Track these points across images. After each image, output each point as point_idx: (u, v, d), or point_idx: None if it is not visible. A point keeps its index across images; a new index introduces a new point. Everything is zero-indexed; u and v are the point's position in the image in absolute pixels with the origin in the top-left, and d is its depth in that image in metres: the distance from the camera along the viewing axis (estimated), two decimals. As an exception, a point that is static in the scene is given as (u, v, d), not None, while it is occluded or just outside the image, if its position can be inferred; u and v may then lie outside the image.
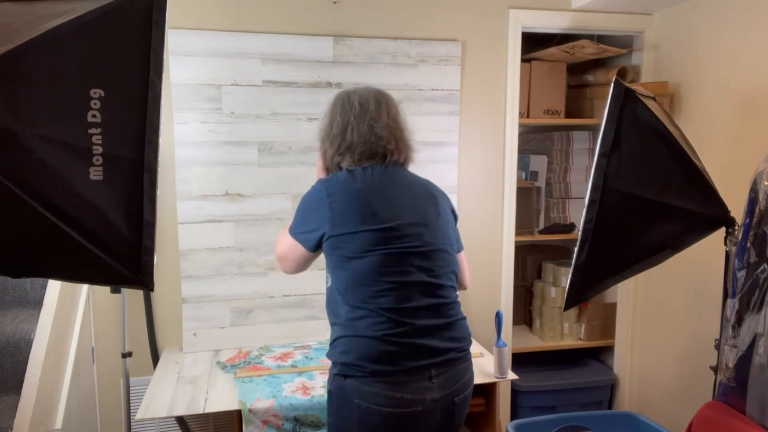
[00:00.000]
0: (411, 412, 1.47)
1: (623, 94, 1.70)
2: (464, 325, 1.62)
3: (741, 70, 2.30)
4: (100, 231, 1.27)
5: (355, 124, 1.57)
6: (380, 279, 1.49)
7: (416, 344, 1.48)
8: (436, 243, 1.57)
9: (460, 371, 1.56)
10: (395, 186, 1.57)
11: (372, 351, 1.47)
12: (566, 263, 3.04)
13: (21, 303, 2.20)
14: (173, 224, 2.41)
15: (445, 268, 1.59)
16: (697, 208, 1.79)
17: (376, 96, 1.62)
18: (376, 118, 1.57)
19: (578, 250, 1.74)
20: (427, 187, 1.65)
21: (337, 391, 1.52)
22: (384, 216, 1.51)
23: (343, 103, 1.61)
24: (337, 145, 1.59)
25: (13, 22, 1.22)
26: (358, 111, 1.58)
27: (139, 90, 1.28)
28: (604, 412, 2.87)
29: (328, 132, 1.61)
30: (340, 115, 1.59)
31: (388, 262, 1.49)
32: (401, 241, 1.50)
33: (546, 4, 2.69)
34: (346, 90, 1.66)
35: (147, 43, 1.28)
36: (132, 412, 2.18)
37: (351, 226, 1.50)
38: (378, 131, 1.57)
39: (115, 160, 1.26)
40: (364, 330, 1.48)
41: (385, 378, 1.46)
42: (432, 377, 1.49)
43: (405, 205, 1.56)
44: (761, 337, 1.62)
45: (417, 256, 1.52)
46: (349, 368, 1.49)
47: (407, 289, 1.50)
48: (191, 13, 2.36)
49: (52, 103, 1.21)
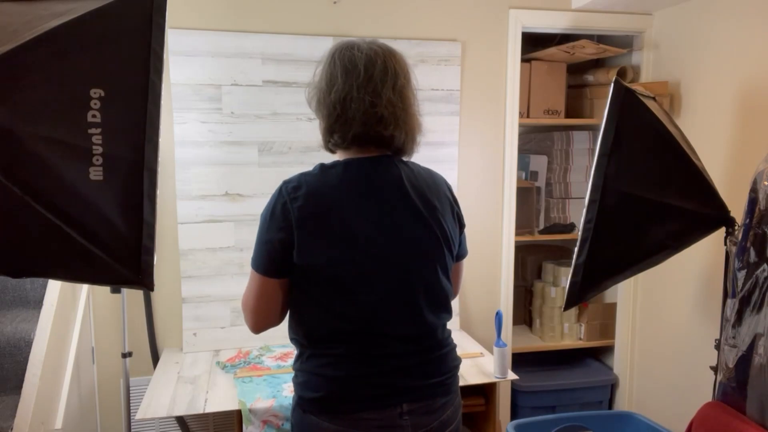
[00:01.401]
0: None
1: (623, 94, 1.70)
2: (449, 358, 1.37)
3: (741, 69, 2.30)
4: (100, 231, 1.27)
5: (356, 96, 1.23)
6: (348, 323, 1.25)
7: (384, 385, 1.27)
8: (426, 278, 1.30)
9: (440, 407, 1.32)
10: (382, 193, 1.27)
11: (333, 390, 1.26)
12: (566, 263, 3.04)
13: (21, 303, 2.20)
14: (173, 224, 2.41)
15: (435, 305, 1.33)
16: (697, 208, 1.79)
17: (385, 59, 1.27)
18: (379, 91, 1.24)
19: (578, 250, 1.74)
20: (430, 190, 1.34)
21: (297, 426, 1.33)
22: (364, 248, 1.23)
23: (345, 62, 1.26)
24: (335, 118, 1.26)
25: (13, 22, 1.22)
26: (363, 78, 1.24)
27: (139, 90, 1.28)
28: (604, 412, 2.87)
29: (324, 97, 1.28)
30: (341, 78, 1.25)
31: (362, 306, 1.25)
32: (383, 284, 1.25)
33: (546, 4, 2.69)
34: (350, 43, 1.29)
35: (147, 43, 1.28)
36: (132, 412, 2.18)
37: (321, 258, 1.22)
38: (379, 110, 1.24)
39: (115, 160, 1.26)
40: (325, 369, 1.27)
41: (345, 416, 1.25)
42: (403, 414, 1.27)
43: (393, 233, 1.26)
44: (761, 337, 1.62)
45: (403, 293, 1.28)
46: (307, 403, 1.29)
47: (382, 337, 1.27)
48: (191, 13, 2.36)
49: (52, 103, 1.21)
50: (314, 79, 1.33)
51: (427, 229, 1.30)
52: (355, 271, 1.24)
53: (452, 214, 1.40)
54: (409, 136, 1.33)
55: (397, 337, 1.29)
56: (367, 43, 1.29)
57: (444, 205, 1.37)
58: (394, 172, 1.30)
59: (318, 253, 1.22)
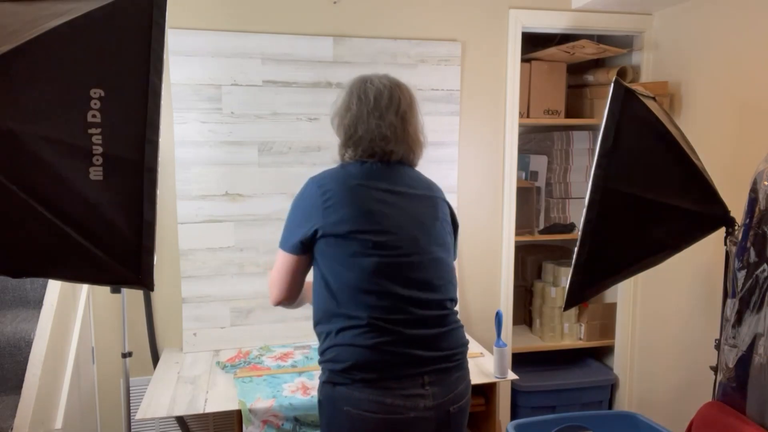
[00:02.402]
0: (402, 419, 1.44)
1: (623, 94, 1.70)
2: (459, 335, 1.57)
3: (741, 69, 2.30)
4: (100, 231, 1.27)
5: (366, 120, 1.54)
6: (372, 289, 1.45)
7: (407, 354, 1.45)
8: (433, 252, 1.53)
9: (455, 380, 1.52)
10: (394, 187, 1.54)
11: (361, 360, 1.44)
12: (566, 263, 3.04)
13: (21, 303, 2.20)
14: (173, 224, 2.41)
15: (442, 279, 1.55)
16: (697, 208, 1.79)
17: (391, 89, 1.57)
18: (384, 115, 1.54)
19: (578, 250, 1.74)
20: (429, 189, 1.61)
21: (327, 400, 1.50)
22: (380, 220, 1.48)
23: (359, 93, 1.56)
24: (349, 136, 1.56)
25: (13, 22, 1.22)
26: (372, 106, 1.54)
27: (139, 90, 1.28)
28: (604, 412, 2.87)
29: (341, 120, 1.58)
30: (356, 106, 1.55)
31: (382, 271, 1.46)
32: (396, 250, 1.48)
33: (546, 4, 2.69)
34: (365, 77, 1.60)
35: (147, 43, 1.28)
36: (132, 412, 2.18)
37: (345, 227, 1.46)
38: (383, 130, 1.53)
39: (115, 160, 1.26)
40: (354, 339, 1.45)
41: (375, 384, 1.43)
42: (425, 384, 1.46)
43: (402, 209, 1.52)
44: (761, 337, 1.62)
45: (412, 267, 1.49)
46: (337, 376, 1.46)
47: (400, 301, 1.47)
48: (191, 13, 2.36)
49: (52, 103, 1.21)
50: (335, 107, 1.62)
51: (429, 211, 1.57)
52: (368, 237, 1.46)
53: (449, 213, 1.66)
54: (409, 150, 1.60)
55: (414, 303, 1.48)
56: (379, 78, 1.59)
57: (439, 201, 1.63)
58: (401, 170, 1.59)
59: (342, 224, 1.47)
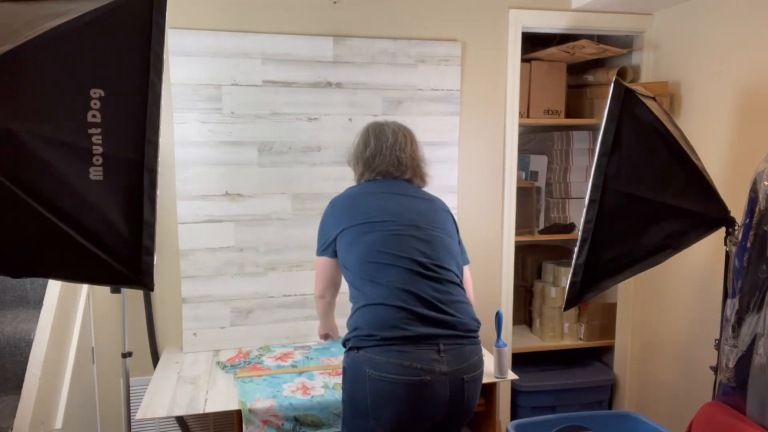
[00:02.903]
0: (420, 381, 1.54)
1: (623, 94, 1.70)
2: (468, 308, 1.71)
3: (741, 69, 2.30)
4: (100, 231, 1.27)
5: (387, 153, 1.86)
6: (381, 255, 1.66)
7: (422, 313, 1.60)
8: (436, 231, 1.75)
9: (468, 351, 1.64)
10: (398, 192, 1.82)
11: (380, 317, 1.59)
12: (566, 263, 3.04)
13: (21, 303, 2.20)
14: (173, 224, 2.41)
15: (444, 252, 1.73)
16: (697, 208, 1.79)
17: (404, 132, 1.91)
18: (403, 149, 1.87)
19: (578, 250, 1.74)
20: (431, 198, 1.87)
21: (351, 365, 1.63)
22: (379, 210, 1.75)
23: (377, 133, 1.89)
24: (366, 166, 1.89)
25: (13, 22, 1.22)
26: (391, 142, 1.87)
27: (139, 90, 1.28)
28: (604, 412, 2.87)
29: (361, 154, 1.90)
30: (374, 142, 1.88)
31: (388, 240, 1.68)
32: (397, 224, 1.72)
33: (546, 4, 2.69)
34: (380, 121, 1.95)
35: (147, 43, 1.28)
36: (132, 412, 2.18)
37: (349, 222, 1.76)
38: (403, 160, 1.87)
39: (115, 160, 1.27)
40: (373, 298, 1.63)
41: (395, 346, 1.56)
42: (440, 351, 1.58)
43: (402, 204, 1.78)
44: (761, 337, 1.61)
45: (416, 239, 1.70)
46: (360, 340, 1.61)
47: (409, 265, 1.65)
48: (191, 13, 2.36)
49: (52, 103, 1.21)
50: (352, 148, 1.95)
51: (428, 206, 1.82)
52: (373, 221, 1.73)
53: (451, 221, 1.88)
54: (416, 175, 1.92)
55: (422, 266, 1.66)
56: (392, 122, 1.94)
57: (438, 208, 1.87)
58: (404, 183, 1.88)
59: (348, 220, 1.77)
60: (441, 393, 1.58)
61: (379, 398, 1.56)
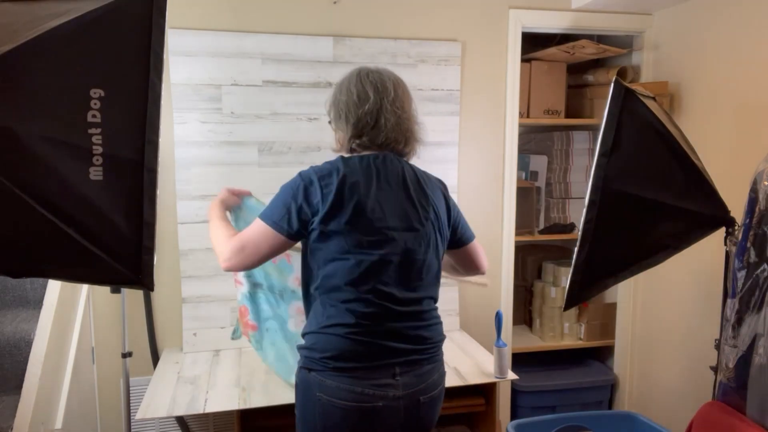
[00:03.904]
0: (372, 407, 1.47)
1: (623, 94, 1.70)
2: (436, 330, 1.58)
3: (741, 69, 2.30)
4: (100, 231, 1.27)
5: (391, 111, 1.48)
6: (356, 285, 1.46)
7: (381, 345, 1.48)
8: (418, 252, 1.52)
9: (427, 372, 1.55)
10: (388, 182, 1.50)
11: (336, 348, 1.47)
12: (566, 263, 3.04)
13: (21, 303, 2.19)
14: (173, 224, 2.41)
15: (424, 280, 1.55)
16: (697, 208, 1.79)
17: (403, 85, 1.55)
18: (403, 108, 1.51)
19: (578, 250, 1.74)
20: (421, 182, 1.57)
21: (302, 384, 1.53)
22: (372, 216, 1.46)
23: (375, 83, 1.50)
24: (365, 125, 1.49)
25: (13, 22, 1.21)
26: (392, 96, 1.49)
27: (139, 90, 1.28)
28: (604, 412, 2.87)
29: (355, 109, 1.48)
30: (374, 95, 1.48)
31: (367, 268, 1.46)
32: (383, 247, 1.47)
33: (546, 4, 2.69)
34: (370, 68, 1.54)
35: (147, 43, 1.27)
36: (132, 412, 2.18)
37: (338, 223, 1.44)
38: (403, 125, 1.52)
39: (115, 160, 1.26)
40: (331, 328, 1.48)
41: (346, 373, 1.46)
42: (396, 375, 1.49)
43: (393, 207, 1.49)
44: (761, 337, 1.62)
45: (396, 266, 1.49)
46: (313, 362, 1.50)
47: (381, 297, 1.48)
48: (191, 13, 2.36)
49: (52, 103, 1.21)
50: (338, 94, 1.54)
51: (419, 210, 1.53)
52: (361, 236, 1.46)
53: (445, 204, 1.62)
54: (413, 149, 1.61)
55: (393, 300, 1.49)
56: (382, 68, 1.56)
57: (436, 193, 1.60)
58: (397, 165, 1.54)
59: (337, 220, 1.45)
60: (395, 417, 1.50)
61: (329, 423, 1.48)
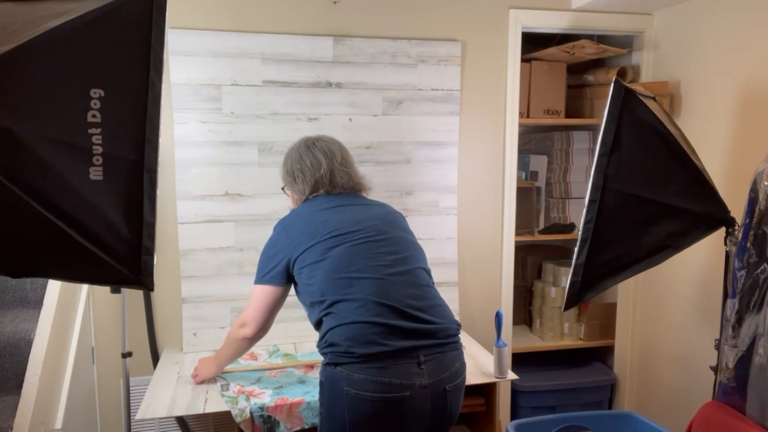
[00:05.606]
0: (399, 397, 1.51)
1: (623, 94, 1.70)
2: (446, 310, 1.68)
3: (741, 69, 2.30)
4: (100, 231, 1.27)
5: (341, 171, 1.82)
6: (351, 268, 1.60)
7: (400, 326, 1.55)
8: (400, 231, 1.74)
9: (449, 359, 1.61)
10: (353, 202, 1.79)
11: (358, 334, 1.53)
12: (566, 263, 3.04)
13: (21, 303, 2.19)
14: (173, 224, 2.41)
15: (411, 251, 1.71)
16: (697, 208, 1.79)
17: (344, 148, 1.89)
18: (348, 164, 1.86)
19: (578, 250, 1.74)
20: (383, 205, 1.85)
21: (328, 381, 1.57)
22: (343, 222, 1.68)
23: (325, 150, 1.83)
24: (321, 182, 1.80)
25: (13, 22, 1.22)
26: (340, 159, 1.83)
27: (139, 90, 1.28)
28: (604, 412, 2.87)
29: (314, 172, 1.80)
30: (325, 161, 1.81)
31: (355, 251, 1.62)
32: (362, 233, 1.66)
33: (546, 4, 2.69)
34: (314, 138, 1.88)
35: (147, 43, 1.28)
36: (132, 412, 2.17)
37: (309, 239, 1.66)
38: (353, 178, 1.85)
39: (115, 160, 1.27)
40: (347, 317, 1.55)
41: (373, 363, 1.51)
42: (420, 363, 1.54)
43: (363, 212, 1.75)
44: (761, 337, 1.62)
45: (382, 244, 1.66)
46: (338, 356, 1.54)
47: (379, 273, 1.60)
48: (191, 13, 2.36)
49: (52, 103, 1.21)
50: (292, 163, 1.85)
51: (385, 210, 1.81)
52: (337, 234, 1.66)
53: (406, 222, 1.86)
54: (363, 187, 1.89)
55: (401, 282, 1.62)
56: (326, 138, 1.89)
57: (395, 213, 1.85)
58: (356, 196, 1.84)
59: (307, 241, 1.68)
60: (422, 407, 1.54)
61: (358, 416, 1.51)
